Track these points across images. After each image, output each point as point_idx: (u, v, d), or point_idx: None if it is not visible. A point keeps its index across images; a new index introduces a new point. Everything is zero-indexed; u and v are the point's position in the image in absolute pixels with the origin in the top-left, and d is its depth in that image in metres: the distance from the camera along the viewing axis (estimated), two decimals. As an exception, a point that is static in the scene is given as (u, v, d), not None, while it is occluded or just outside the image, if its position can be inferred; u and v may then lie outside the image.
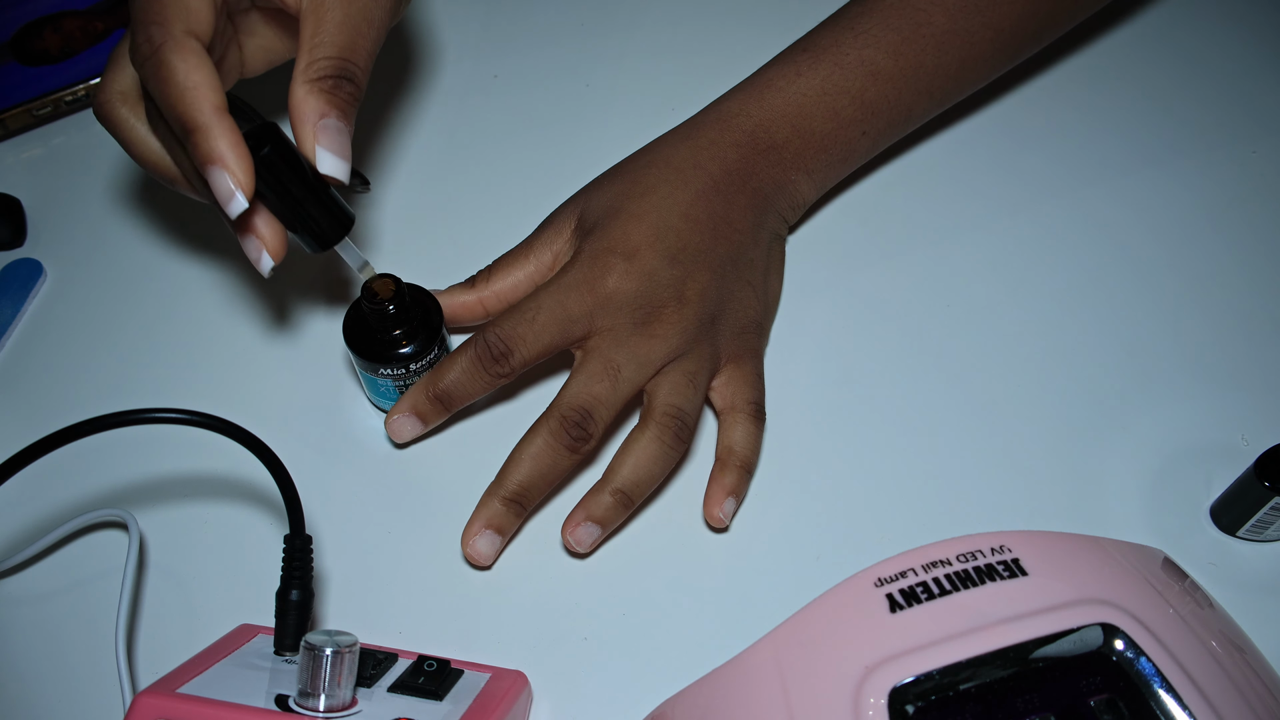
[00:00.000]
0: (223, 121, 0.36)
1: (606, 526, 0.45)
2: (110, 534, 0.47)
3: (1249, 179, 0.56)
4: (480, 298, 0.49)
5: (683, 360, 0.46)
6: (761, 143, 0.50)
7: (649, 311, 0.45)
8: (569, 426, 0.44)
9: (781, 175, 0.50)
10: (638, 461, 0.44)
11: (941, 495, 0.47)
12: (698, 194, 0.48)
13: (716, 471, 0.46)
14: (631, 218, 0.47)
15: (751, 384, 0.48)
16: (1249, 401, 0.49)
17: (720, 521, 0.45)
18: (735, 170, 0.49)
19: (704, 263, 0.47)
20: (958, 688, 0.31)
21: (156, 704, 0.33)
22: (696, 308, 0.46)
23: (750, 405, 0.47)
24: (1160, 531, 0.46)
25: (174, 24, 0.37)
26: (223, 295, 0.54)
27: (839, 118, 0.50)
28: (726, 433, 0.47)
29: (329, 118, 0.38)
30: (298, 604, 0.38)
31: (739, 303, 0.48)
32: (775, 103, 0.50)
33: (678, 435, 0.45)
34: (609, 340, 0.45)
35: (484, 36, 0.63)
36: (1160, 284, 0.53)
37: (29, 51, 0.61)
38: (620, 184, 0.49)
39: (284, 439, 0.42)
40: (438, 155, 0.59)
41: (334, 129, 0.38)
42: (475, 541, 0.45)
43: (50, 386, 0.52)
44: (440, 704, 0.37)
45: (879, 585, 0.33)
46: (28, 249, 0.56)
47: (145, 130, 0.41)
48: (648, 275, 0.46)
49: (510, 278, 0.49)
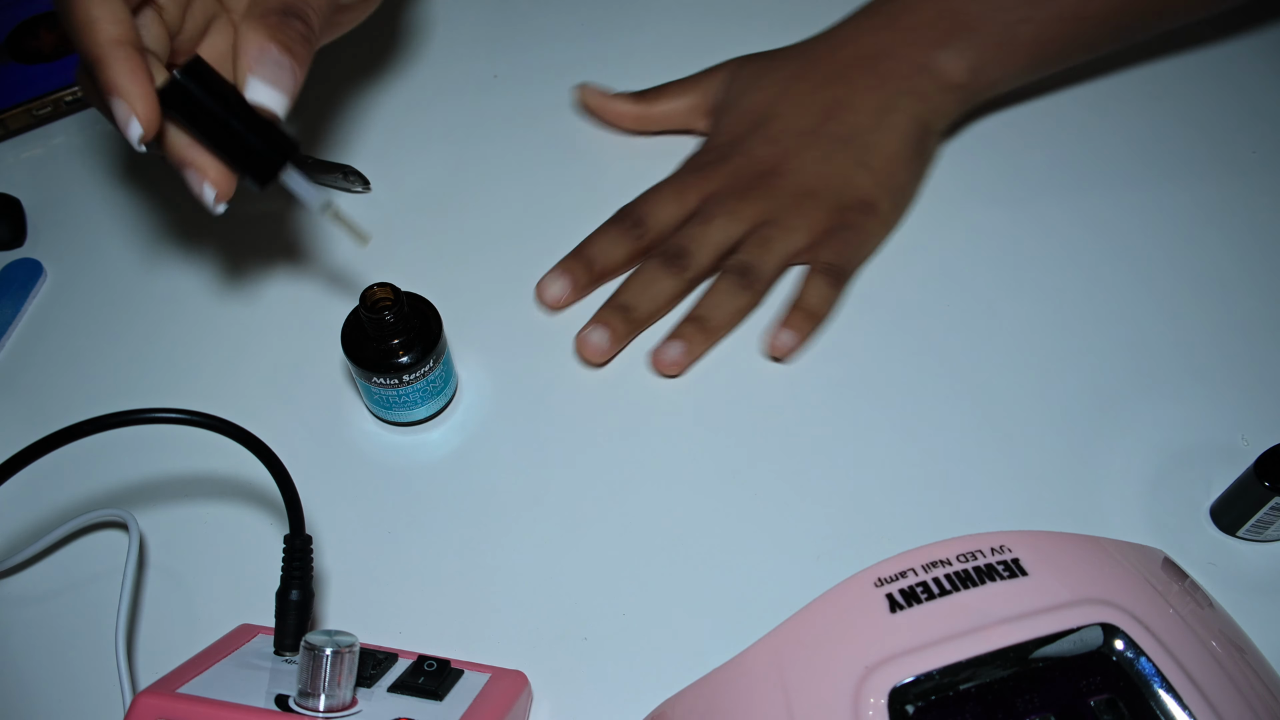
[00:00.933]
0: (119, 52, 0.36)
1: (689, 344, 0.49)
2: (110, 534, 0.47)
3: (1249, 179, 0.56)
4: (640, 113, 0.56)
5: (768, 226, 0.51)
6: (902, 23, 0.52)
7: (747, 179, 0.52)
8: (668, 258, 0.51)
9: (921, 56, 0.51)
10: (708, 298, 0.50)
11: (941, 495, 0.47)
12: (819, 82, 0.53)
13: (783, 314, 0.50)
14: (748, 105, 0.54)
15: (835, 250, 0.50)
16: (1249, 401, 0.49)
17: (778, 349, 0.49)
18: (867, 54, 0.52)
19: (808, 142, 0.52)
20: (958, 688, 0.31)
21: (156, 704, 0.33)
22: (789, 179, 0.51)
23: (824, 265, 0.50)
24: (1160, 531, 0.46)
25: None
26: (223, 295, 0.54)
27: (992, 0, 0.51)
28: (798, 287, 0.51)
29: (268, 49, 0.38)
30: (298, 604, 0.38)
31: (845, 180, 0.51)
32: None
33: (740, 281, 0.50)
34: (711, 201, 0.52)
35: (484, 36, 0.63)
36: (1160, 284, 0.53)
37: (24, 50, 0.61)
38: (764, 64, 0.55)
39: (284, 439, 0.42)
40: (437, 155, 0.59)
41: (272, 60, 0.38)
42: (590, 334, 0.49)
43: (50, 386, 0.52)
44: (440, 704, 0.37)
45: (879, 585, 0.33)
46: (28, 249, 0.56)
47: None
48: (747, 154, 0.52)
49: (669, 106, 0.56)
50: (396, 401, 0.47)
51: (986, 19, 0.51)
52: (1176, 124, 0.58)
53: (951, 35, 0.51)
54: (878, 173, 0.52)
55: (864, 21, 0.54)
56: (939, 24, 0.51)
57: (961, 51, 0.51)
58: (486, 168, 0.58)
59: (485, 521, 0.47)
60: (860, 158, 0.51)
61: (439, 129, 0.60)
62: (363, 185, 0.57)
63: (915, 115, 0.52)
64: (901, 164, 0.52)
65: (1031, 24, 0.51)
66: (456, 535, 0.46)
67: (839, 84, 0.52)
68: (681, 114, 0.57)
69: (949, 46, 0.51)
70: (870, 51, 0.52)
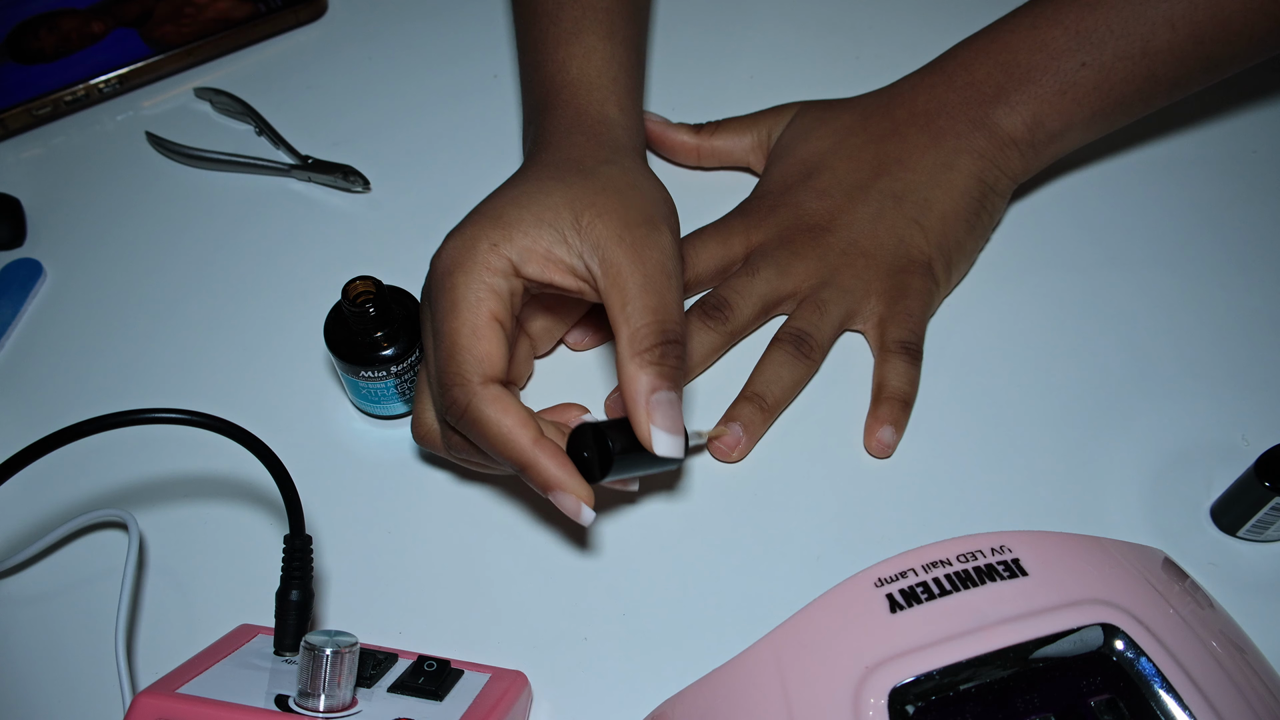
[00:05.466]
0: (544, 451, 0.39)
1: (748, 427, 0.47)
2: (110, 534, 0.47)
3: (1249, 179, 0.56)
4: (699, 146, 0.56)
5: (821, 288, 0.49)
6: (958, 81, 0.51)
7: (796, 233, 0.50)
8: (708, 309, 0.49)
9: (978, 112, 0.50)
10: (763, 372, 0.48)
11: (941, 495, 0.47)
12: (874, 137, 0.52)
13: (872, 406, 0.48)
14: (801, 154, 0.53)
15: (901, 323, 0.49)
16: (1249, 402, 0.49)
17: (880, 449, 0.47)
18: (922, 111, 0.51)
19: (858, 198, 0.50)
20: (958, 688, 0.31)
21: (156, 704, 0.33)
22: (839, 235, 0.50)
23: (897, 344, 0.49)
24: (1160, 531, 0.46)
25: (471, 379, 0.39)
26: (223, 295, 0.54)
27: (1049, 48, 0.49)
28: (878, 370, 0.49)
29: (659, 391, 0.38)
30: (298, 604, 0.38)
31: (898, 239, 0.50)
32: (981, 41, 0.51)
33: (797, 350, 0.48)
34: (757, 253, 0.51)
35: (484, 36, 0.63)
36: (1160, 284, 0.53)
37: (24, 50, 0.61)
38: (821, 114, 0.54)
39: (284, 439, 0.42)
40: (437, 155, 0.59)
41: (665, 403, 0.38)
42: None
43: (50, 386, 0.52)
44: (440, 704, 0.37)
45: (879, 585, 0.33)
46: (28, 249, 0.56)
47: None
48: (795, 206, 0.51)
49: (728, 143, 0.55)
50: (383, 395, 0.47)
51: (1043, 69, 0.49)
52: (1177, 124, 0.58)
53: (1008, 90, 0.50)
54: (931, 231, 0.50)
55: (921, 79, 0.52)
56: (995, 79, 0.50)
57: (1019, 105, 0.49)
58: (486, 168, 0.58)
59: (485, 521, 0.47)
60: (914, 216, 0.50)
61: (439, 129, 0.60)
62: (363, 185, 0.57)
63: (974, 173, 0.50)
64: (958, 222, 0.50)
65: (1092, 69, 0.49)
66: (457, 535, 0.46)
67: (893, 140, 0.51)
68: (741, 151, 0.56)
69: (1005, 101, 0.50)
70: (926, 109, 0.51)
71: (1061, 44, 0.49)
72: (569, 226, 0.40)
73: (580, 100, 0.46)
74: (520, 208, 0.40)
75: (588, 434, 0.40)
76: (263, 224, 0.57)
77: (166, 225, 0.57)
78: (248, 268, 0.55)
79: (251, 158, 0.58)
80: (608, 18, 0.48)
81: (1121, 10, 0.48)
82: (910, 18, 0.63)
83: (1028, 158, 0.51)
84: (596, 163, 0.43)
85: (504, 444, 0.39)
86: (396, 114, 0.61)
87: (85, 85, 0.60)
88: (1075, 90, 0.49)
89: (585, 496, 0.39)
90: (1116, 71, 0.49)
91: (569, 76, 0.47)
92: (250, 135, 0.60)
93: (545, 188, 0.41)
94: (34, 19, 0.62)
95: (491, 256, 0.39)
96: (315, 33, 0.64)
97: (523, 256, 0.40)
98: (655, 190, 0.43)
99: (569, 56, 0.47)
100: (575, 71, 0.47)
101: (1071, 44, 0.49)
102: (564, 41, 0.47)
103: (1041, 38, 0.49)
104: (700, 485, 0.47)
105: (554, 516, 0.47)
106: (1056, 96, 0.49)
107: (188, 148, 0.58)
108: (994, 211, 0.51)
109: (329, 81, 0.62)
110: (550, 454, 0.39)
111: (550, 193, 0.41)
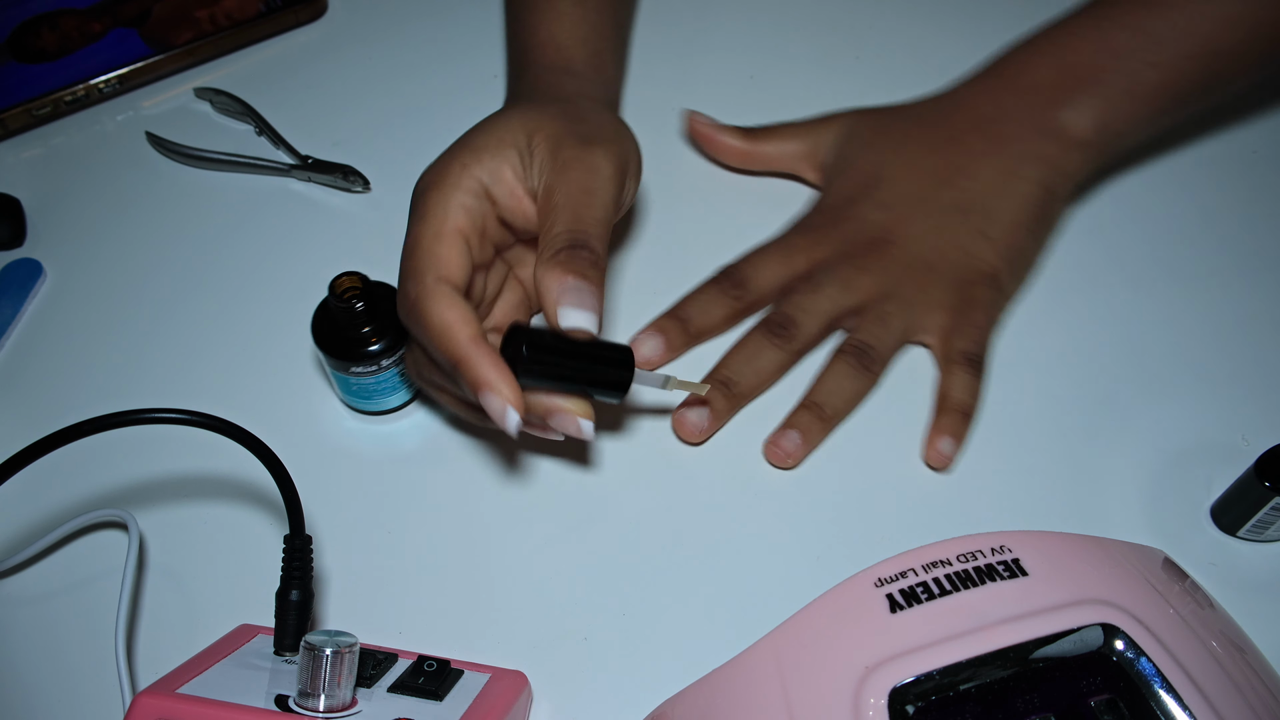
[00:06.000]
0: (478, 349, 0.38)
1: (806, 435, 0.47)
2: (110, 534, 0.47)
3: (1249, 179, 0.56)
4: (747, 150, 0.55)
5: (885, 301, 0.49)
6: (1020, 85, 0.50)
7: (859, 247, 0.50)
8: (773, 326, 0.49)
9: (1042, 117, 0.49)
10: (824, 383, 0.48)
11: (941, 495, 0.47)
12: (933, 145, 0.51)
13: (934, 417, 0.48)
14: (861, 166, 0.52)
15: (967, 335, 0.48)
16: (1249, 402, 0.49)
17: (939, 460, 0.47)
18: (984, 118, 0.50)
19: (921, 210, 0.50)
20: (958, 688, 0.31)
21: (156, 704, 0.33)
22: (904, 249, 0.49)
23: (962, 356, 0.48)
24: (1160, 531, 0.46)
25: (425, 275, 0.39)
26: (223, 295, 0.54)
27: (1113, 48, 0.48)
28: (942, 381, 0.49)
29: (565, 280, 0.38)
30: (298, 604, 0.38)
31: (963, 252, 0.49)
32: (1040, 44, 0.50)
33: (859, 363, 0.48)
34: (820, 268, 0.50)
35: (484, 36, 0.63)
36: (1160, 284, 0.53)
37: (25, 50, 0.61)
38: (879, 122, 0.53)
39: (284, 439, 0.42)
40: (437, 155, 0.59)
41: (571, 288, 0.38)
42: (688, 414, 0.47)
43: (50, 386, 0.52)
44: (440, 704, 0.37)
45: (879, 585, 0.33)
46: (28, 249, 0.56)
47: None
48: (857, 219, 0.50)
49: (777, 149, 0.55)
50: (371, 390, 0.47)
51: (1110, 69, 0.48)
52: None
53: (1073, 91, 0.49)
54: (998, 243, 0.49)
55: (980, 83, 0.51)
56: (1059, 81, 0.49)
57: (1085, 107, 0.49)
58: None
59: (485, 521, 0.47)
60: (979, 227, 0.49)
61: (439, 129, 0.60)
62: (363, 185, 0.57)
63: (1039, 181, 0.49)
64: (1024, 232, 0.49)
65: (1158, 68, 0.48)
66: (457, 535, 0.46)
67: (954, 149, 0.50)
68: (790, 158, 0.55)
69: (1071, 104, 0.49)
70: (988, 115, 0.50)
71: (1125, 44, 0.48)
72: (524, 148, 0.41)
73: (547, 58, 0.48)
74: (485, 134, 0.42)
75: (519, 335, 0.39)
76: (263, 224, 0.57)
77: (166, 225, 0.57)
78: (248, 268, 0.55)
79: (251, 158, 0.58)
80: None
81: (1185, 9, 0.48)
82: (910, 18, 0.63)
83: (1091, 159, 0.50)
84: (553, 98, 0.45)
85: (440, 336, 0.38)
86: (396, 114, 0.61)
87: (85, 85, 0.60)
88: (1140, 90, 0.49)
89: (512, 399, 0.38)
90: (1181, 70, 0.48)
91: (539, 39, 0.49)
92: (250, 135, 0.60)
93: (506, 115, 0.42)
94: (34, 19, 0.62)
95: (463, 176, 0.41)
96: (315, 33, 0.65)
97: (492, 177, 0.41)
98: (606, 124, 0.43)
99: (540, 21, 0.49)
100: (544, 34, 0.49)
101: (1137, 44, 0.48)
102: (538, 8, 0.50)
103: (1105, 39, 0.49)
104: (700, 485, 0.47)
105: (554, 517, 0.47)
106: (1122, 97, 0.49)
107: (188, 148, 0.58)
108: (1056, 218, 0.51)
109: (329, 81, 0.62)
110: (485, 353, 0.38)
111: (510, 118, 0.42)
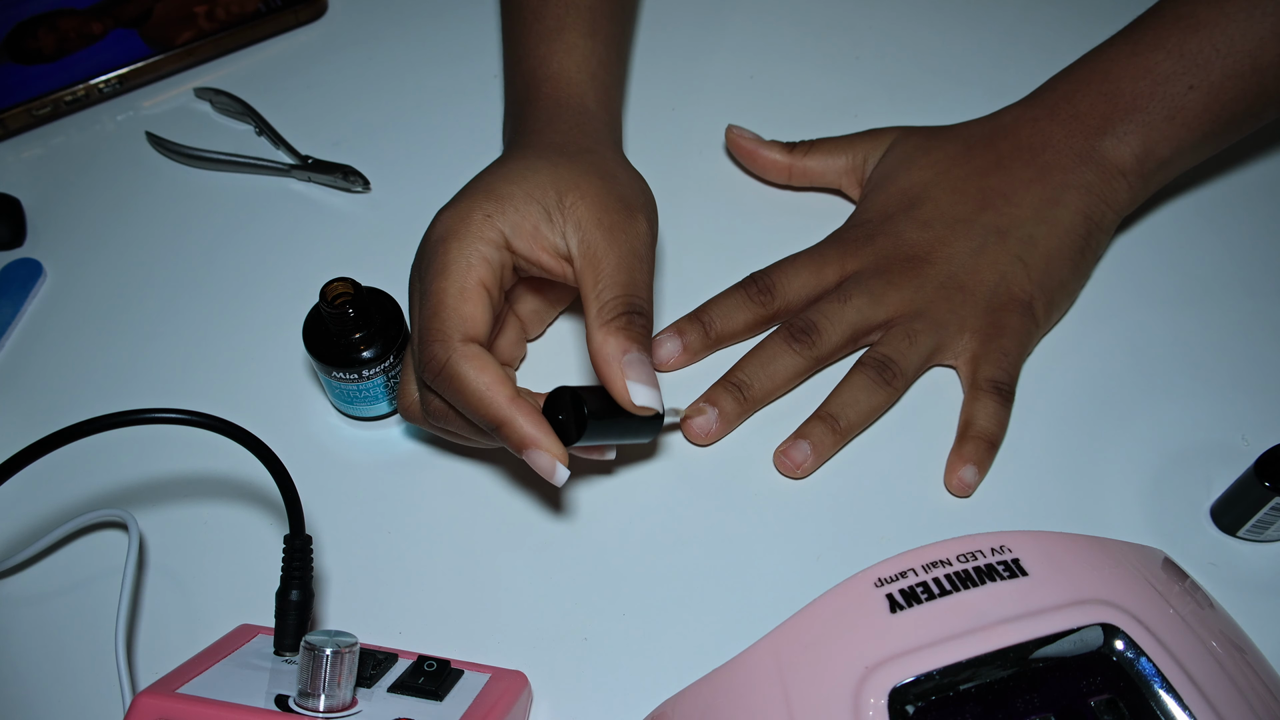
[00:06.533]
0: (520, 410, 0.39)
1: (817, 447, 0.47)
2: (110, 534, 0.47)
3: (1249, 179, 0.56)
4: (791, 165, 0.55)
5: (914, 318, 0.48)
6: (1062, 114, 0.50)
7: (893, 263, 0.49)
8: (794, 331, 0.48)
9: (1084, 145, 0.49)
10: (840, 394, 0.48)
11: (941, 495, 0.47)
12: (976, 169, 0.51)
13: (955, 443, 0.47)
14: (902, 184, 0.51)
15: (995, 361, 0.48)
16: (1249, 402, 0.49)
17: (960, 488, 0.46)
18: (1026, 145, 0.50)
19: (960, 231, 0.49)
20: (958, 688, 0.31)
21: (156, 704, 0.33)
22: (938, 268, 0.49)
23: (988, 383, 0.47)
24: (1160, 531, 0.46)
25: (452, 337, 0.39)
26: (222, 295, 0.54)
27: (1152, 73, 0.48)
28: (966, 407, 0.48)
29: (630, 352, 0.39)
30: (298, 604, 0.38)
31: (999, 276, 0.48)
32: (1080, 72, 0.50)
33: (879, 377, 0.47)
34: (851, 280, 0.50)
35: (484, 36, 0.63)
36: (1160, 284, 0.53)
37: (24, 50, 0.61)
38: (923, 142, 0.53)
39: (284, 439, 0.42)
40: (437, 155, 0.59)
41: (637, 362, 0.39)
42: (695, 418, 0.47)
43: (50, 386, 0.52)
44: (440, 704, 0.37)
45: (879, 585, 0.33)
46: (28, 249, 0.56)
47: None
48: (895, 235, 0.50)
49: (821, 164, 0.54)
50: (361, 396, 0.47)
51: (1150, 95, 0.48)
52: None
53: (1115, 119, 0.48)
54: (1035, 269, 0.48)
55: (1024, 111, 0.51)
56: (1101, 109, 0.49)
57: (1127, 135, 0.48)
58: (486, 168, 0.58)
59: (485, 521, 0.47)
60: (1017, 252, 0.48)
61: (439, 129, 0.60)
62: (363, 185, 0.57)
63: (1081, 210, 0.49)
64: (1063, 261, 0.49)
65: (1200, 91, 0.47)
66: (456, 535, 0.46)
67: (997, 173, 0.50)
68: (834, 173, 0.55)
69: (1113, 132, 0.48)
70: (1031, 143, 0.50)
71: (1166, 68, 0.48)
72: (554, 205, 0.41)
73: (560, 93, 0.47)
74: (511, 183, 0.41)
75: (564, 397, 0.40)
76: (263, 224, 0.57)
77: (166, 225, 0.57)
78: (248, 268, 0.55)
79: (251, 158, 0.58)
80: (590, 15, 0.49)
81: (1226, 28, 0.47)
82: (910, 18, 0.63)
83: (1135, 188, 0.50)
84: (578, 149, 0.44)
85: (480, 401, 0.39)
86: (396, 114, 0.61)
87: (85, 85, 0.60)
88: (1184, 114, 0.48)
89: (559, 455, 0.39)
90: (1226, 91, 0.47)
91: (549, 71, 0.48)
92: (250, 135, 0.60)
93: (534, 166, 0.42)
94: (33, 19, 0.62)
95: (485, 227, 0.40)
96: (315, 33, 0.65)
97: (514, 230, 0.41)
98: (634, 180, 0.43)
99: (550, 53, 0.48)
100: (555, 66, 0.48)
101: (1177, 68, 0.47)
102: (546, 38, 0.49)
103: (1144, 64, 0.48)
104: (700, 486, 0.47)
105: (554, 517, 0.47)
106: (1165, 123, 0.48)
107: (188, 148, 0.58)
108: (1098, 249, 0.50)
109: (329, 81, 0.62)
110: (526, 413, 0.39)
111: (539, 171, 0.42)
